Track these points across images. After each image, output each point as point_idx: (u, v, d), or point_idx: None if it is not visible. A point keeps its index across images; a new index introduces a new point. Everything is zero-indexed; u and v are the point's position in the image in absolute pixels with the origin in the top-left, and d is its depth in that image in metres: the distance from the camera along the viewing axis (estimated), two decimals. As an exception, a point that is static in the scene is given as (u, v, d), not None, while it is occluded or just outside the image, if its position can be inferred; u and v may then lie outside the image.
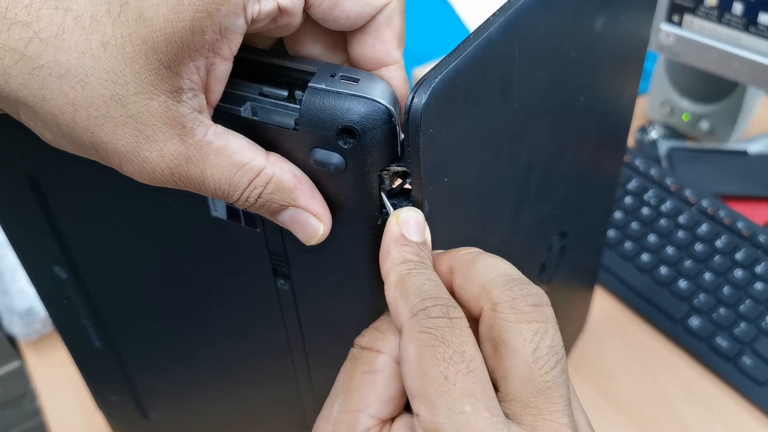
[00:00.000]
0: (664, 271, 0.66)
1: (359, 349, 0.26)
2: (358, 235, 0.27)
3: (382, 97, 0.24)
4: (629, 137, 0.49)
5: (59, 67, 0.22)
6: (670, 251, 0.67)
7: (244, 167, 0.24)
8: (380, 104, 0.24)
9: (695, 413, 0.58)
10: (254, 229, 0.29)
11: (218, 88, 0.24)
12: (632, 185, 0.73)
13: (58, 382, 0.64)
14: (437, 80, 0.23)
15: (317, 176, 0.26)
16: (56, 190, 0.35)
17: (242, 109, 0.26)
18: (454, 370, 0.22)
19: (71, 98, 0.22)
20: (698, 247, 0.67)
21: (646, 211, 0.71)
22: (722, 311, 0.62)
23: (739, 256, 0.65)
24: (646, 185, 0.73)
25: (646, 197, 0.72)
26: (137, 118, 0.23)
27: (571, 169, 0.40)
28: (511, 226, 0.35)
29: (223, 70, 0.24)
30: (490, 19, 0.26)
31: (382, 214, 0.26)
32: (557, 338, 0.24)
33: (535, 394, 0.23)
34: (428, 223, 0.26)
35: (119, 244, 0.36)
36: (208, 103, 0.24)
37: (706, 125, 0.82)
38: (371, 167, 0.25)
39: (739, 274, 0.64)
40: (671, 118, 0.85)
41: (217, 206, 0.30)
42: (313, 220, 0.26)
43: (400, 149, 0.25)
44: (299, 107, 0.24)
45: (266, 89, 0.26)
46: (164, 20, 0.21)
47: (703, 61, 0.70)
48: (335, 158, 0.24)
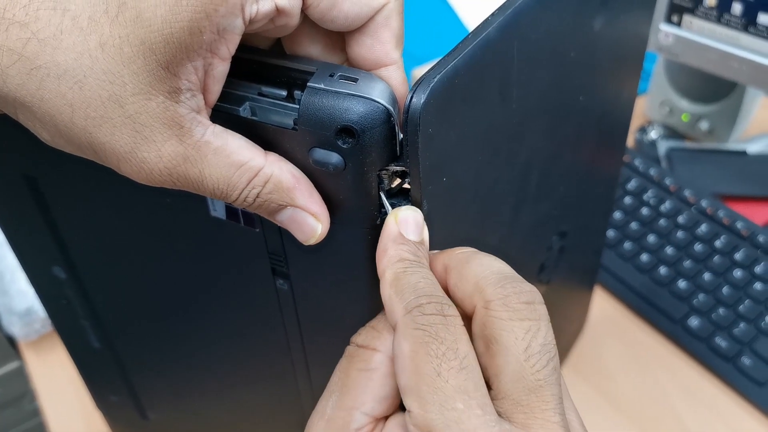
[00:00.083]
0: (663, 271, 0.66)
1: (355, 347, 0.26)
2: (356, 234, 0.27)
3: (381, 96, 0.24)
4: (629, 137, 0.49)
5: (57, 67, 0.22)
6: (669, 251, 0.67)
7: (242, 167, 0.24)
8: (379, 104, 0.24)
9: (695, 413, 0.58)
10: (253, 229, 0.29)
11: (216, 88, 0.24)
12: (632, 185, 0.73)
13: (57, 382, 0.64)
14: (436, 80, 0.23)
15: (316, 176, 0.26)
16: (55, 190, 0.35)
17: (241, 109, 0.25)
18: (446, 366, 0.22)
19: (69, 99, 0.22)
20: (698, 247, 0.67)
21: (645, 211, 0.71)
22: (721, 311, 0.62)
23: (738, 256, 0.65)
24: (645, 185, 0.73)
25: (645, 197, 0.72)
26: (135, 118, 0.23)
27: (570, 169, 0.40)
28: (510, 225, 0.35)
29: (221, 70, 0.24)
30: (489, 18, 0.26)
31: (381, 213, 0.26)
32: (550, 336, 0.23)
33: (526, 392, 0.23)
34: (427, 222, 0.26)
35: (118, 244, 0.36)
36: (206, 103, 0.24)
37: (705, 125, 0.82)
38: (370, 167, 0.25)
39: (738, 274, 0.64)
40: (670, 118, 0.85)
41: (215, 206, 0.30)
42: (311, 219, 0.26)
43: (399, 149, 0.25)
44: (298, 107, 0.24)
45: (265, 89, 0.26)
46: (162, 21, 0.21)
47: (702, 61, 0.70)
48: (334, 158, 0.24)
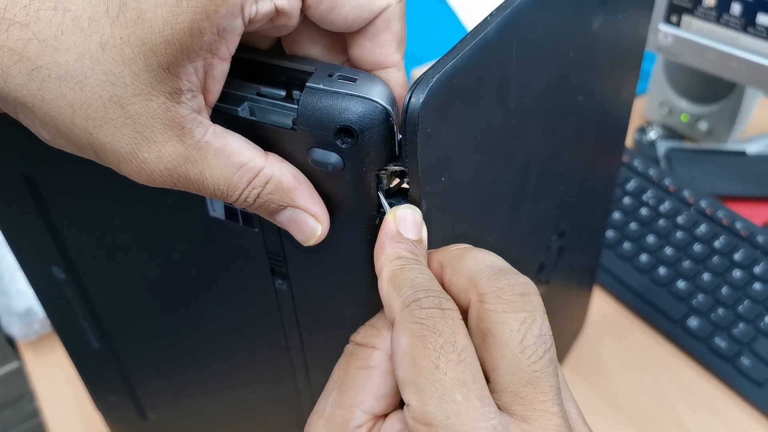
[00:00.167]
0: (662, 271, 0.66)
1: (354, 345, 0.26)
2: (356, 234, 0.27)
3: (379, 96, 0.24)
4: (628, 138, 0.49)
5: (58, 68, 0.22)
6: (668, 252, 0.67)
7: (242, 167, 0.24)
8: (378, 104, 0.24)
9: (694, 413, 0.58)
10: (252, 229, 0.29)
11: (216, 88, 0.24)
12: (631, 186, 0.73)
13: (56, 382, 0.64)
14: (435, 80, 0.23)
15: (315, 176, 0.26)
16: (54, 190, 0.35)
17: (240, 109, 0.26)
18: (445, 359, 0.22)
19: (70, 99, 0.22)
20: (697, 247, 0.67)
21: (644, 211, 0.71)
22: (721, 312, 0.62)
23: (737, 256, 0.65)
24: (644, 186, 0.73)
25: (644, 198, 0.72)
26: (136, 119, 0.23)
27: (569, 168, 0.40)
28: (509, 225, 0.35)
29: (221, 70, 0.24)
30: (487, 18, 0.26)
31: (379, 213, 0.26)
32: (545, 327, 0.23)
33: (524, 383, 0.23)
34: (425, 222, 0.26)
35: (117, 244, 0.36)
36: (206, 103, 0.24)
37: (704, 126, 0.82)
38: (369, 167, 0.25)
39: (737, 274, 0.64)
40: (670, 118, 0.85)
41: (215, 206, 0.30)
42: (311, 220, 0.26)
43: (397, 149, 0.25)
44: (297, 107, 0.24)
45: (264, 89, 0.26)
46: (163, 22, 0.21)
47: (701, 61, 0.70)
48: (333, 158, 0.24)
